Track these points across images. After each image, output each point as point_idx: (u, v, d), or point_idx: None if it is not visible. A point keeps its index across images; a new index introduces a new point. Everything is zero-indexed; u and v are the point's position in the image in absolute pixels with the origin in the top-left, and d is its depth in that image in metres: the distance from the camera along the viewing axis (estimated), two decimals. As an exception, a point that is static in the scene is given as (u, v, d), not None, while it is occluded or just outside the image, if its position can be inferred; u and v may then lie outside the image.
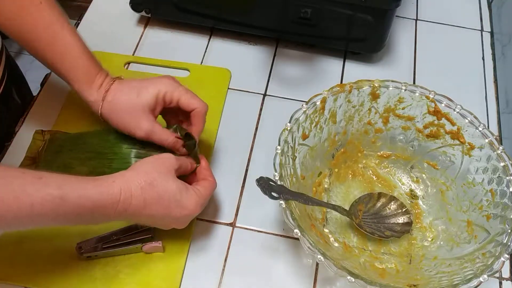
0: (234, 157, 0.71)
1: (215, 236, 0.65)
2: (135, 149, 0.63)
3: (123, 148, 0.64)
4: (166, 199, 0.54)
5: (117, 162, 0.63)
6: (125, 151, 0.63)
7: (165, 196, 0.54)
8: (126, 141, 0.64)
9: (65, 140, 0.68)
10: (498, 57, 0.83)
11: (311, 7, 0.75)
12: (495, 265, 0.53)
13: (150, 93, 0.60)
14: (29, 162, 0.67)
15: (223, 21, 0.82)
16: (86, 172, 0.63)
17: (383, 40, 0.79)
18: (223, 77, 0.79)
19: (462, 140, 0.63)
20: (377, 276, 0.59)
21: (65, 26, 0.61)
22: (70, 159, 0.65)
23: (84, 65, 0.61)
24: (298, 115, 0.61)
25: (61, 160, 0.65)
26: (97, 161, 0.64)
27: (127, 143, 0.64)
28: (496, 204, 0.58)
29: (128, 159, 0.63)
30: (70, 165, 0.64)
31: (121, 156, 0.63)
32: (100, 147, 0.65)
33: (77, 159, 0.65)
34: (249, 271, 0.62)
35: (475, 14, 0.91)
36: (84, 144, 0.66)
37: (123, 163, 0.62)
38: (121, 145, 0.64)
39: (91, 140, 0.66)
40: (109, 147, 0.64)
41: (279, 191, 0.54)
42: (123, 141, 0.64)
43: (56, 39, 0.60)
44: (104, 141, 0.65)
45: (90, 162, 0.64)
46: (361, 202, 0.65)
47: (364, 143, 0.69)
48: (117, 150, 0.64)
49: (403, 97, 0.65)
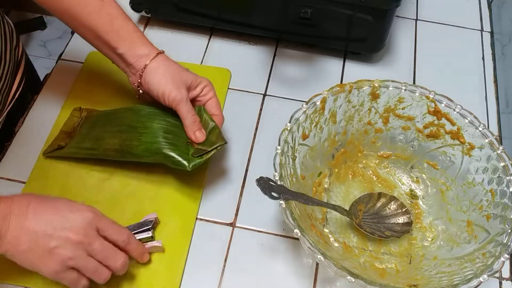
0: (234, 157, 0.71)
1: (215, 236, 0.65)
2: (166, 126, 0.65)
3: (154, 123, 0.66)
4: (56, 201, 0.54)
5: (146, 136, 0.65)
6: (156, 126, 0.65)
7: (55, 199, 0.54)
8: (157, 118, 0.66)
9: (100, 116, 0.71)
10: (498, 57, 0.83)
11: (311, 7, 0.75)
12: (495, 265, 0.53)
13: (193, 75, 0.65)
14: (63, 136, 0.71)
15: (223, 21, 0.82)
16: (115, 144, 0.66)
17: (383, 40, 0.79)
18: (223, 77, 0.79)
19: (462, 140, 0.63)
20: (377, 276, 0.59)
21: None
22: (103, 132, 0.68)
23: (133, 24, 0.64)
24: (298, 115, 0.61)
25: (94, 134, 0.68)
26: (127, 134, 0.66)
27: (158, 119, 0.66)
28: (496, 204, 0.58)
29: (157, 134, 0.64)
30: (102, 137, 0.67)
31: (151, 130, 0.65)
32: (131, 121, 0.67)
33: (109, 132, 0.67)
34: (249, 271, 0.62)
35: (475, 14, 0.91)
36: (116, 118, 0.68)
37: (153, 137, 0.64)
38: (153, 120, 0.66)
39: (123, 115, 0.68)
40: (140, 121, 0.66)
41: (279, 191, 0.54)
42: (154, 117, 0.66)
43: (104, 2, 0.62)
44: (136, 115, 0.67)
45: (121, 134, 0.66)
46: (361, 202, 0.65)
47: (364, 143, 0.69)
48: (148, 125, 0.65)
49: (403, 97, 0.65)
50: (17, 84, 0.75)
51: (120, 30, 0.62)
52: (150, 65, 0.63)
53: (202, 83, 0.65)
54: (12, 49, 0.74)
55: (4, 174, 0.69)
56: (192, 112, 0.63)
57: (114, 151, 0.66)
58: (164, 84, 0.62)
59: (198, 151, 0.63)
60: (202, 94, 0.66)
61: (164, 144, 0.63)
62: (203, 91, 0.66)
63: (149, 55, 0.63)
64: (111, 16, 0.62)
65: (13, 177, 0.68)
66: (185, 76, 0.64)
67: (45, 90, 0.78)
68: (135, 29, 0.64)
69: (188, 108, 0.63)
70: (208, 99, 0.66)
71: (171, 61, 0.65)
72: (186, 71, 0.65)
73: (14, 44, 0.76)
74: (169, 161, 0.62)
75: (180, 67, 0.65)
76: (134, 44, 0.63)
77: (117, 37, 0.62)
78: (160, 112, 0.67)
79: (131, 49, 0.63)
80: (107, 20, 0.62)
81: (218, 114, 0.66)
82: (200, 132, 0.63)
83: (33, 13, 1.92)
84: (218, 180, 0.69)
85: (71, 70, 0.79)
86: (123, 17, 0.63)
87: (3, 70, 0.70)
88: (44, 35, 1.90)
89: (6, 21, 0.75)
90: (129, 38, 0.63)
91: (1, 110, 0.72)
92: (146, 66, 0.63)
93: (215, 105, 0.67)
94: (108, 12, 0.62)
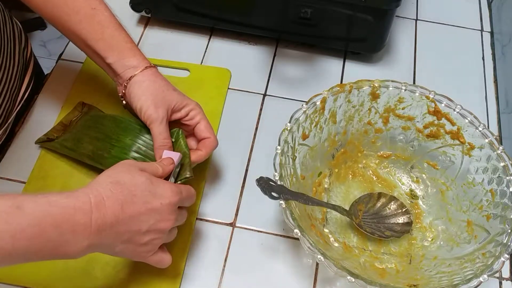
0: (234, 157, 0.71)
1: (215, 236, 0.65)
2: (138, 144, 0.64)
3: (127, 138, 0.64)
4: (140, 193, 0.49)
5: (116, 150, 0.64)
6: (128, 141, 0.64)
7: (137, 190, 0.49)
8: (132, 133, 0.64)
9: (93, 116, 0.70)
10: (498, 57, 0.83)
11: (311, 7, 0.75)
12: (495, 265, 0.53)
13: (179, 97, 0.62)
14: (59, 128, 0.71)
15: (223, 21, 0.82)
16: (89, 151, 0.65)
17: (383, 40, 0.79)
18: (223, 77, 0.79)
19: (462, 140, 0.63)
20: (377, 276, 0.59)
21: (102, 2, 0.62)
22: (84, 135, 0.67)
23: (126, 34, 0.62)
24: (298, 115, 0.61)
25: (77, 134, 0.68)
26: (102, 142, 0.65)
27: (133, 135, 0.64)
28: (496, 204, 0.58)
29: (127, 150, 0.63)
30: (81, 140, 0.67)
31: (123, 145, 0.64)
32: (110, 131, 0.66)
33: (88, 136, 0.67)
34: (249, 271, 0.62)
35: (475, 14, 0.91)
36: (100, 124, 0.67)
37: (121, 152, 0.63)
38: (127, 135, 0.64)
39: (106, 122, 0.67)
40: (116, 133, 0.65)
41: (279, 191, 0.54)
42: (130, 132, 0.65)
43: (96, 10, 0.61)
44: (115, 126, 0.66)
45: (96, 142, 0.65)
46: (361, 202, 0.65)
47: (364, 143, 0.69)
48: (121, 139, 0.64)
49: (403, 97, 0.65)
50: (26, 85, 0.75)
51: (110, 39, 0.61)
52: (136, 77, 0.61)
53: (187, 106, 0.62)
54: (21, 50, 0.74)
55: (4, 174, 0.69)
56: (164, 135, 0.60)
57: (87, 157, 0.65)
58: (144, 99, 0.59)
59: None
60: (188, 118, 0.62)
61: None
62: (188, 114, 0.62)
63: (137, 67, 0.61)
64: (102, 25, 0.61)
65: (13, 177, 0.68)
66: (169, 96, 0.61)
67: (45, 90, 0.78)
68: (126, 39, 0.62)
69: (161, 130, 0.59)
70: (195, 123, 0.63)
71: (159, 78, 0.62)
72: (172, 91, 0.61)
73: (22, 45, 0.76)
74: None
75: (167, 86, 0.62)
76: (123, 54, 0.61)
77: (107, 47, 0.61)
78: (140, 128, 0.65)
79: (120, 59, 0.61)
80: (98, 28, 0.61)
81: (210, 137, 0.62)
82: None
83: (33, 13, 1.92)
84: (218, 180, 0.69)
85: (71, 70, 0.79)
86: (115, 26, 0.62)
87: (12, 71, 0.70)
88: (44, 35, 1.90)
89: (15, 22, 0.75)
90: (119, 48, 0.61)
91: (10, 111, 0.72)
92: (131, 77, 0.61)
93: (205, 128, 0.62)
94: (99, 21, 0.61)
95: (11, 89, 0.70)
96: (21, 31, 0.77)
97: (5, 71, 0.68)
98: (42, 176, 0.68)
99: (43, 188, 0.67)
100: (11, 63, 0.70)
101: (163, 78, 0.62)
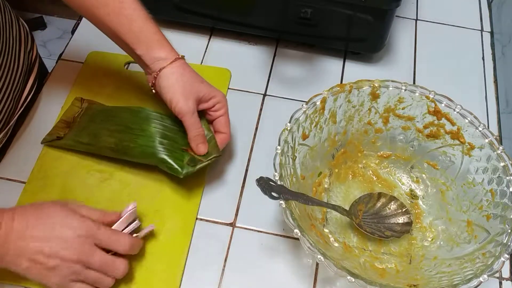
0: (234, 157, 0.71)
1: (215, 236, 0.65)
2: (162, 130, 0.66)
3: (151, 126, 0.66)
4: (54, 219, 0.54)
5: (142, 139, 0.65)
6: (153, 129, 0.66)
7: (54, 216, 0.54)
8: (154, 121, 0.67)
9: (100, 111, 0.71)
10: (498, 57, 0.83)
11: (311, 7, 0.75)
12: (495, 265, 0.53)
13: (207, 88, 0.64)
14: (63, 126, 0.71)
15: (223, 21, 0.82)
16: (112, 143, 0.66)
17: (383, 40, 0.79)
18: (223, 77, 0.79)
19: (462, 140, 0.63)
20: (377, 276, 0.59)
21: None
22: (101, 129, 0.68)
23: (154, 26, 0.63)
24: (298, 115, 0.61)
25: (92, 129, 0.69)
26: (124, 134, 0.66)
27: (155, 123, 0.66)
28: (496, 204, 0.58)
29: (154, 138, 0.65)
30: (99, 134, 0.68)
31: (148, 133, 0.65)
32: (130, 122, 0.67)
33: (106, 129, 0.68)
34: (249, 271, 0.62)
35: (475, 14, 0.91)
36: (115, 117, 0.69)
37: (149, 141, 0.65)
38: (150, 124, 0.66)
39: (123, 114, 0.69)
40: (137, 123, 0.67)
41: (279, 191, 0.54)
42: (151, 120, 0.67)
43: (124, 3, 0.62)
44: (134, 117, 0.68)
45: (118, 134, 0.67)
46: (361, 202, 0.65)
47: (364, 143, 0.69)
48: (145, 127, 0.66)
49: (403, 97, 0.65)
50: (29, 88, 0.75)
51: (139, 32, 0.62)
52: (165, 69, 0.62)
53: (215, 98, 0.65)
54: (26, 52, 0.74)
55: (4, 174, 0.69)
56: (198, 125, 0.63)
57: (110, 150, 0.66)
58: (173, 92, 0.62)
59: (193, 159, 0.63)
60: (214, 109, 0.65)
61: (159, 148, 0.64)
62: (215, 106, 0.65)
63: (167, 59, 0.62)
64: (130, 18, 0.62)
65: (13, 177, 0.68)
66: (198, 88, 0.63)
67: (45, 90, 0.78)
68: (155, 31, 0.63)
69: (193, 121, 0.62)
70: (218, 116, 0.66)
71: (187, 69, 0.64)
72: (200, 82, 0.64)
73: (28, 47, 0.76)
74: (164, 166, 0.63)
75: (196, 77, 0.64)
76: (151, 47, 0.62)
77: (136, 39, 0.62)
78: (159, 116, 0.67)
79: (149, 51, 0.62)
80: (126, 21, 0.62)
81: (226, 133, 0.66)
82: (203, 145, 0.64)
83: (33, 13, 1.93)
84: (218, 180, 0.69)
85: (71, 70, 0.79)
86: (143, 19, 0.63)
87: (17, 73, 0.70)
88: (44, 35, 1.90)
89: (21, 24, 0.75)
90: (147, 41, 0.62)
91: (13, 113, 0.72)
92: (161, 69, 0.62)
93: (225, 123, 0.66)
94: (127, 14, 0.62)
95: (14, 91, 0.70)
96: (28, 32, 0.77)
97: (9, 73, 0.68)
98: (42, 176, 0.68)
99: (43, 188, 0.67)
100: (15, 65, 0.70)
101: (192, 70, 0.64)
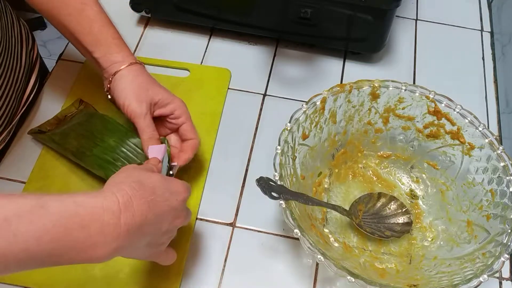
0: (234, 157, 0.71)
1: (215, 236, 0.65)
2: (121, 147, 0.64)
3: (111, 139, 0.65)
4: (159, 191, 0.48)
5: (98, 149, 0.64)
6: (112, 143, 0.65)
7: (156, 189, 0.48)
8: (117, 136, 0.65)
9: (86, 114, 0.71)
10: (498, 57, 0.83)
11: (311, 7, 0.75)
12: (495, 265, 0.53)
13: (164, 93, 0.62)
14: (53, 122, 0.72)
15: (223, 21, 0.82)
16: (74, 147, 0.66)
17: (383, 40, 0.79)
18: (223, 77, 0.79)
19: (462, 140, 0.63)
20: (377, 276, 0.59)
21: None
22: (71, 131, 0.68)
23: (114, 30, 0.63)
24: (298, 115, 0.61)
25: (67, 129, 0.68)
26: (86, 140, 0.66)
27: (117, 138, 0.65)
28: (496, 204, 0.59)
29: (110, 151, 0.64)
30: (68, 136, 0.67)
31: (106, 145, 0.64)
32: (96, 129, 0.66)
33: (75, 132, 0.67)
34: (249, 271, 0.62)
35: (475, 14, 0.91)
36: (89, 122, 0.68)
37: (103, 153, 0.64)
38: (112, 136, 0.65)
39: (95, 121, 0.68)
40: (101, 133, 0.66)
41: (279, 191, 0.54)
42: (115, 134, 0.65)
43: (85, 5, 0.61)
44: (101, 125, 0.67)
45: (82, 139, 0.66)
46: (361, 202, 0.65)
47: (364, 143, 0.69)
48: (106, 139, 0.65)
49: (403, 97, 0.65)
50: (30, 87, 0.74)
51: (98, 34, 0.61)
52: (120, 72, 0.61)
53: (173, 103, 0.62)
54: (27, 51, 0.74)
55: (4, 174, 0.69)
56: (151, 128, 0.60)
57: (71, 153, 0.66)
58: (126, 94, 0.60)
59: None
60: (174, 116, 0.63)
61: (110, 164, 0.63)
62: (174, 113, 0.62)
63: (123, 62, 0.61)
64: (90, 19, 0.61)
65: (13, 177, 0.68)
66: (154, 91, 0.61)
67: (45, 90, 0.78)
68: (114, 35, 0.62)
69: (147, 123, 0.60)
70: (181, 123, 0.63)
71: (144, 73, 0.62)
72: (157, 87, 0.62)
73: (29, 47, 0.76)
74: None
75: (152, 82, 0.62)
76: (110, 49, 0.61)
77: (94, 41, 0.61)
78: (126, 132, 0.65)
79: (106, 54, 0.61)
80: (86, 23, 0.61)
81: (194, 138, 0.63)
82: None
83: (33, 13, 1.92)
84: (218, 180, 0.69)
85: (71, 70, 0.79)
86: (104, 21, 0.62)
87: (18, 73, 0.70)
88: (44, 35, 1.90)
89: (22, 24, 0.75)
90: (106, 43, 0.61)
91: (15, 113, 0.72)
92: (116, 72, 0.61)
93: (190, 129, 0.63)
94: (87, 15, 0.61)
95: (16, 90, 0.70)
96: (28, 32, 0.77)
97: (12, 72, 0.68)
98: (42, 176, 0.68)
99: (43, 188, 0.67)
100: (17, 65, 0.70)
101: (148, 75, 0.63)
